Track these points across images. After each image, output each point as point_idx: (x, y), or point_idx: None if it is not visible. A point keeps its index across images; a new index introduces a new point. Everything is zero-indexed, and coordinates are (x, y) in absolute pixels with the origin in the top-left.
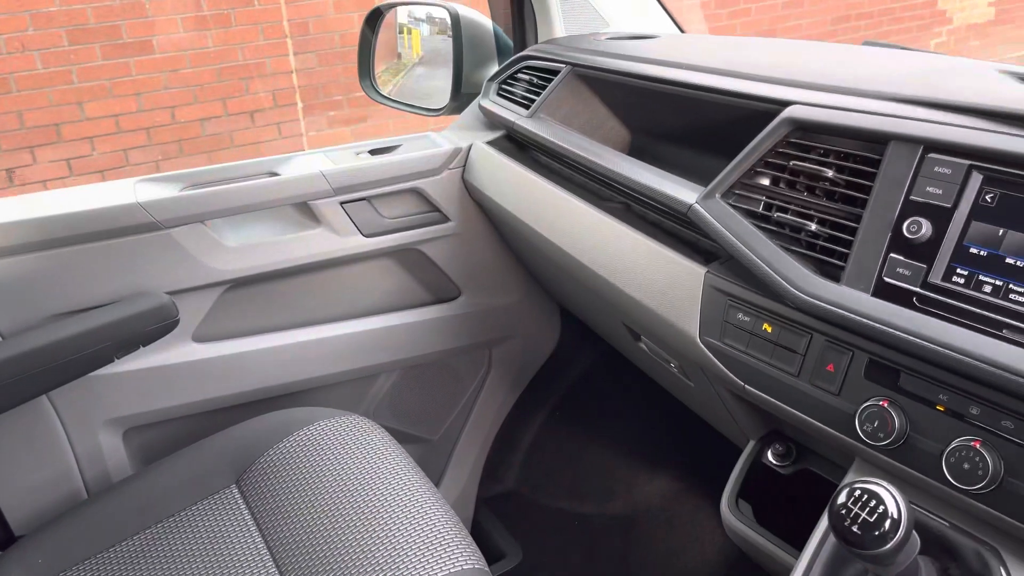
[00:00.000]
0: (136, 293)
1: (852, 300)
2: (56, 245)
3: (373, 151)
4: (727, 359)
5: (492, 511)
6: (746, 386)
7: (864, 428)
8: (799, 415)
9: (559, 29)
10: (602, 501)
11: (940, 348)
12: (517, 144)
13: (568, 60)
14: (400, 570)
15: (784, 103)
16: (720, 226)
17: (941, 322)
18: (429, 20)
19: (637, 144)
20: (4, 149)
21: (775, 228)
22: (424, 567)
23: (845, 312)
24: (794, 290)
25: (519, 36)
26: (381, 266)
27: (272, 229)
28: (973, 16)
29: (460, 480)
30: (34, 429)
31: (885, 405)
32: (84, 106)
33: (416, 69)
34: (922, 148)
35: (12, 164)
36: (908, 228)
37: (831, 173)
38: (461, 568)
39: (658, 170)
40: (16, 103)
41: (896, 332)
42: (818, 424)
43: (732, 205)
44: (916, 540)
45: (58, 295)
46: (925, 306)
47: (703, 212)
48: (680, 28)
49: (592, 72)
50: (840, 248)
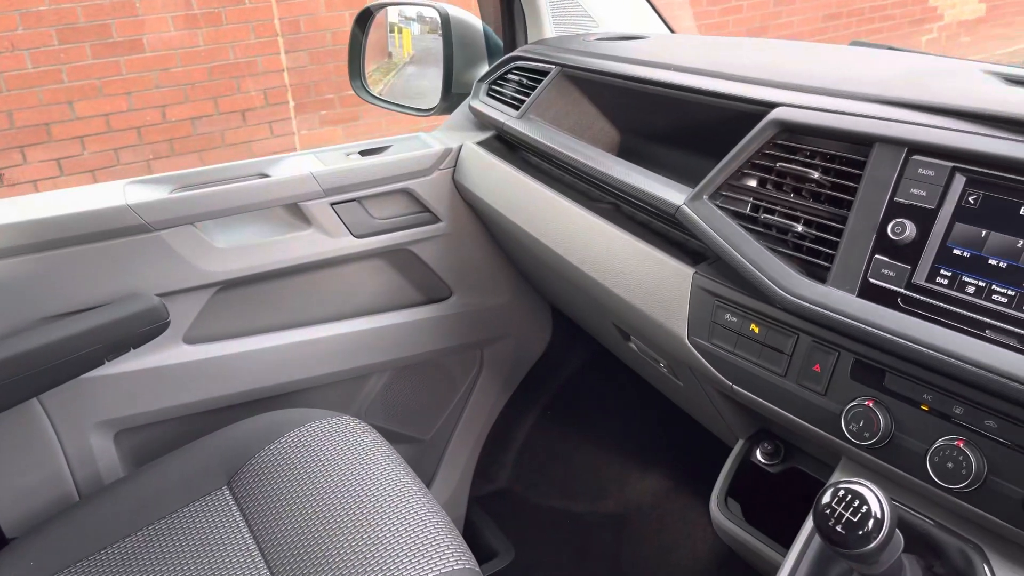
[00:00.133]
0: (126, 295)
1: (838, 301)
2: (46, 248)
3: (363, 152)
4: (715, 359)
5: (484, 510)
6: (734, 386)
7: (850, 428)
8: (786, 415)
9: (549, 29)
10: (594, 499)
11: (924, 348)
12: (507, 144)
13: (557, 61)
14: (391, 571)
15: (771, 105)
16: (707, 227)
17: (925, 323)
18: (420, 19)
19: (626, 145)
20: None
21: (762, 229)
22: (415, 568)
23: (831, 313)
24: (780, 291)
25: (509, 36)
26: (372, 267)
27: (263, 230)
28: (964, 13)
29: (452, 479)
30: (25, 432)
31: (870, 405)
32: (74, 105)
33: (407, 68)
34: (906, 150)
35: (2, 164)
36: (893, 229)
37: (817, 175)
38: (452, 568)
39: (646, 171)
40: (6, 103)
41: (881, 333)
42: (805, 424)
43: (719, 206)
44: (899, 539)
45: (48, 298)
46: (909, 307)
47: (691, 213)
48: (670, 28)
49: (581, 73)
50: (826, 249)
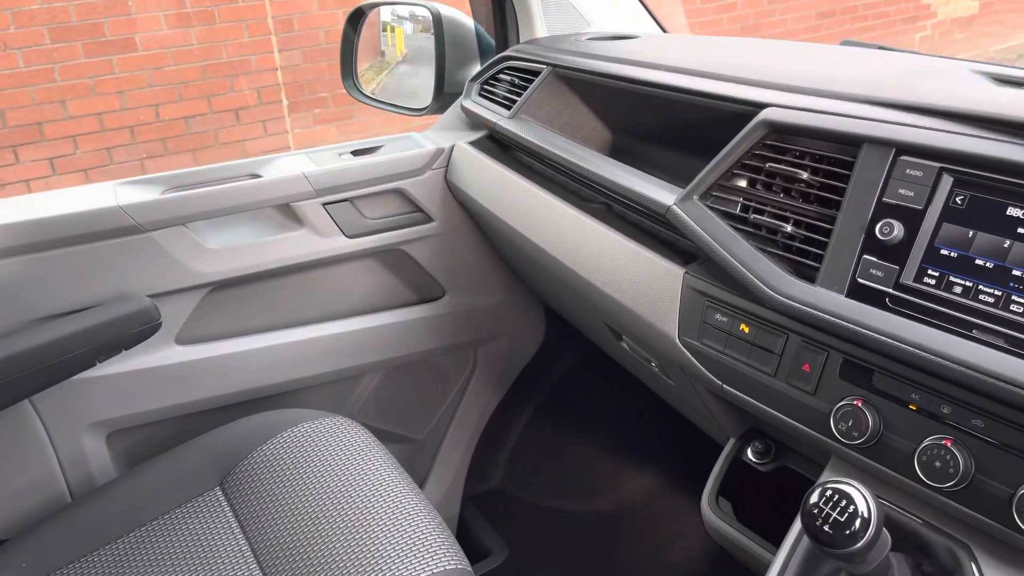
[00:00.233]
0: (118, 296)
1: (826, 301)
2: (37, 249)
3: (355, 152)
4: (705, 359)
5: (478, 509)
6: (724, 386)
7: (839, 427)
8: (776, 414)
9: (540, 29)
10: (587, 498)
11: (912, 348)
12: (499, 144)
13: (549, 61)
14: (383, 571)
15: (760, 105)
16: (697, 227)
17: (913, 323)
18: (412, 18)
19: (618, 144)
20: None
21: (752, 229)
22: (407, 568)
23: (819, 313)
24: (770, 291)
25: (501, 36)
26: (365, 267)
27: (254, 231)
28: (957, 10)
29: (446, 479)
30: (17, 433)
31: (859, 404)
32: (67, 104)
33: (400, 67)
34: (894, 151)
35: None
36: (881, 230)
37: (806, 175)
38: (444, 568)
39: (637, 171)
40: None
41: (869, 333)
42: (794, 423)
43: (710, 207)
44: (887, 538)
45: (39, 299)
46: (897, 307)
47: (681, 214)
48: (661, 27)
49: (572, 73)
50: (815, 249)
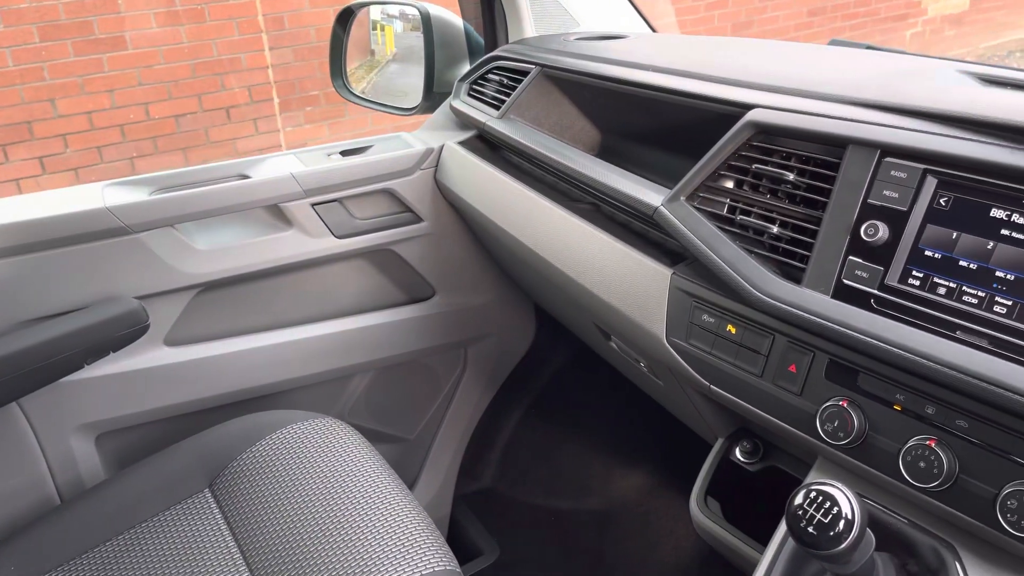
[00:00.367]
0: (106, 298)
1: (812, 302)
2: (24, 251)
3: (344, 152)
4: (693, 360)
5: (469, 508)
6: (712, 386)
7: (825, 428)
8: (763, 415)
9: (529, 29)
10: (578, 497)
11: (896, 349)
12: (489, 144)
13: (537, 61)
14: (372, 573)
15: (747, 106)
16: (684, 229)
17: (897, 323)
18: (402, 17)
19: (607, 144)
20: None
21: (738, 230)
22: (396, 569)
23: (805, 314)
24: (756, 292)
25: (490, 35)
26: (354, 267)
27: (243, 232)
28: (948, 7)
29: (437, 478)
30: (5, 436)
31: (845, 405)
32: (56, 103)
33: (390, 66)
34: (879, 152)
35: None
36: (866, 231)
37: (792, 176)
38: (433, 570)
39: (625, 172)
40: None
41: (854, 334)
42: (781, 424)
43: (697, 208)
44: (871, 539)
45: (26, 301)
46: (882, 308)
47: (668, 215)
48: (651, 26)
49: (561, 73)
50: (801, 250)
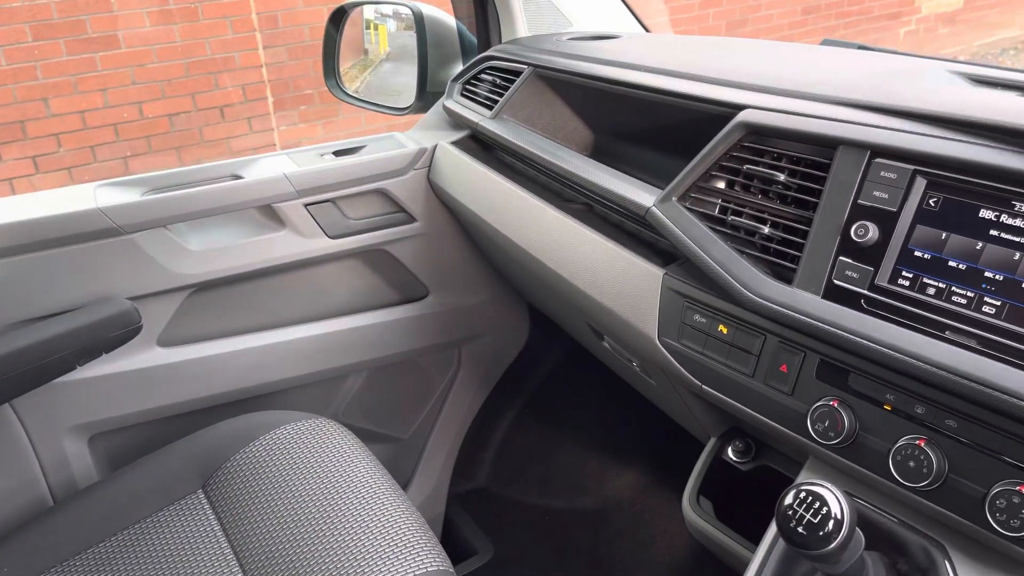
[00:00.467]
0: (98, 299)
1: (803, 302)
2: (15, 252)
3: (337, 152)
4: (685, 360)
5: (463, 508)
6: (703, 386)
7: (816, 427)
8: (754, 414)
9: (522, 29)
10: (572, 496)
11: (886, 349)
12: (482, 144)
13: (530, 61)
14: (364, 573)
15: (738, 107)
16: (676, 229)
17: (887, 324)
18: (396, 16)
19: (600, 145)
20: None
21: (730, 231)
22: (389, 570)
23: (796, 314)
24: (747, 292)
25: (483, 35)
26: (348, 267)
27: (236, 232)
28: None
29: (431, 478)
30: None
31: (835, 405)
32: (49, 102)
33: (383, 65)
34: (869, 153)
35: None
36: (856, 232)
37: (783, 177)
38: (425, 570)
39: (617, 172)
40: None
41: (844, 334)
42: (772, 423)
43: (688, 208)
44: (860, 539)
45: (18, 303)
46: (872, 308)
47: (660, 215)
48: (644, 26)
49: (553, 73)
50: (792, 251)
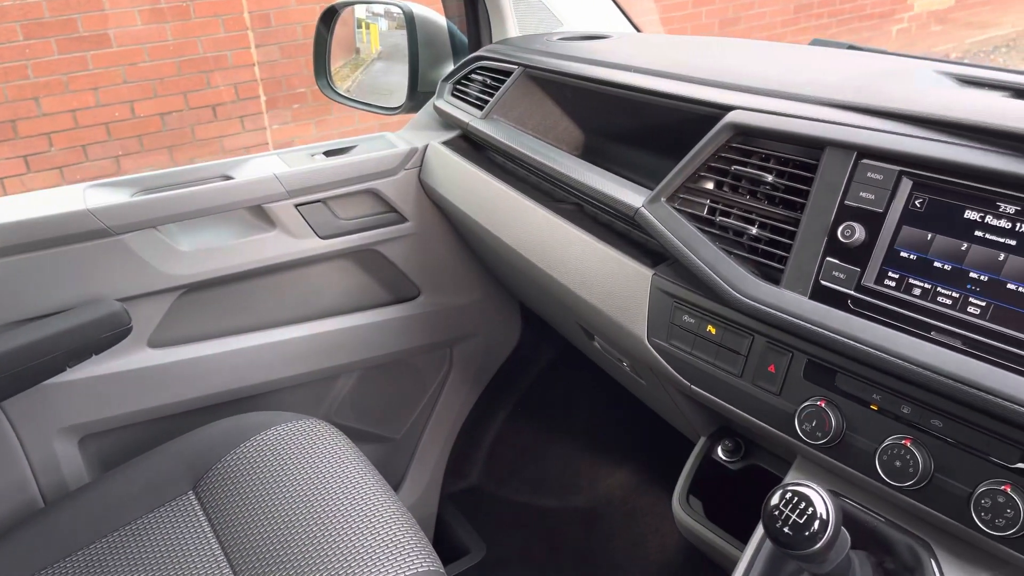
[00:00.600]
0: (88, 301)
1: (790, 303)
2: (4, 254)
3: (328, 152)
4: (674, 360)
5: (456, 507)
6: (692, 386)
7: (803, 427)
8: (743, 414)
9: (512, 28)
10: (564, 495)
11: (872, 350)
12: (473, 144)
13: (520, 61)
14: (355, 574)
15: (726, 108)
16: (665, 230)
17: (874, 324)
18: (387, 16)
19: (590, 145)
20: None
21: (718, 232)
22: (379, 570)
23: (783, 314)
24: (735, 292)
25: (473, 35)
26: (339, 267)
27: (227, 233)
28: (934, 3)
29: (423, 478)
30: None
31: (823, 405)
32: (40, 101)
33: (375, 64)
34: (856, 154)
35: None
36: (843, 232)
37: (771, 177)
38: (416, 571)
39: (607, 173)
40: None
41: (831, 334)
42: (761, 423)
43: (677, 209)
44: (846, 538)
45: (7, 304)
46: (859, 309)
47: (649, 216)
48: (635, 26)
49: (543, 74)
50: (780, 251)
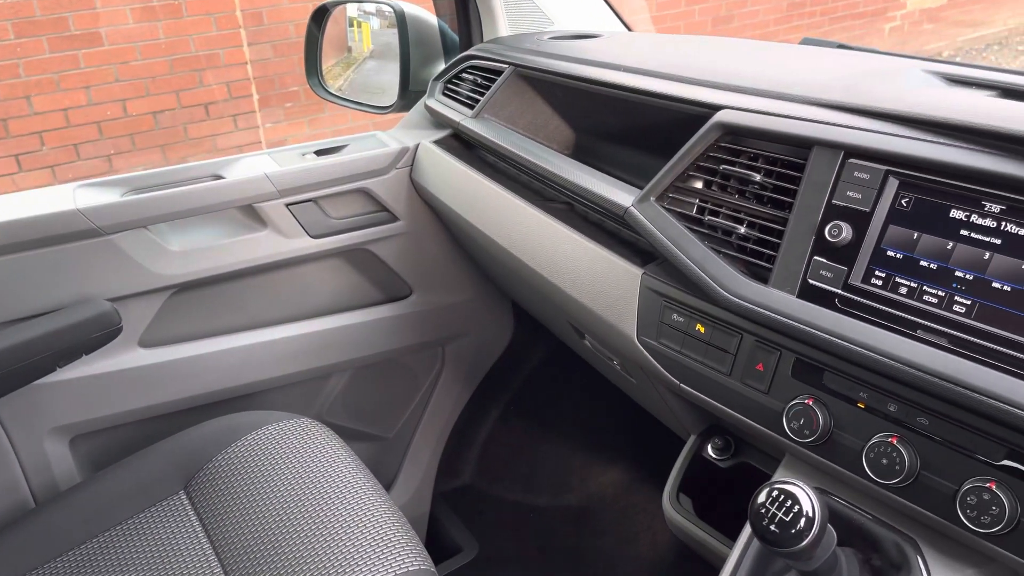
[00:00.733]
0: (78, 301)
1: (778, 301)
2: None
3: (319, 151)
4: (663, 358)
5: (448, 505)
6: (682, 384)
7: (791, 425)
8: (732, 413)
9: (503, 28)
10: (556, 493)
11: (859, 348)
12: (464, 143)
13: (510, 60)
14: (346, 573)
15: (715, 107)
16: (654, 229)
17: (860, 323)
18: (379, 14)
19: (581, 144)
20: None
21: (707, 231)
22: (370, 569)
23: (771, 313)
24: (723, 291)
25: (464, 34)
26: (330, 266)
27: (217, 232)
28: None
29: (416, 476)
30: None
31: (810, 403)
32: (32, 100)
33: (367, 63)
34: (843, 153)
35: None
36: (830, 232)
37: (759, 177)
38: (407, 569)
39: (597, 172)
40: None
41: (819, 333)
42: (749, 421)
43: (666, 208)
44: (832, 536)
45: None
46: (846, 307)
47: (638, 215)
48: (626, 25)
49: (534, 73)
50: (768, 251)
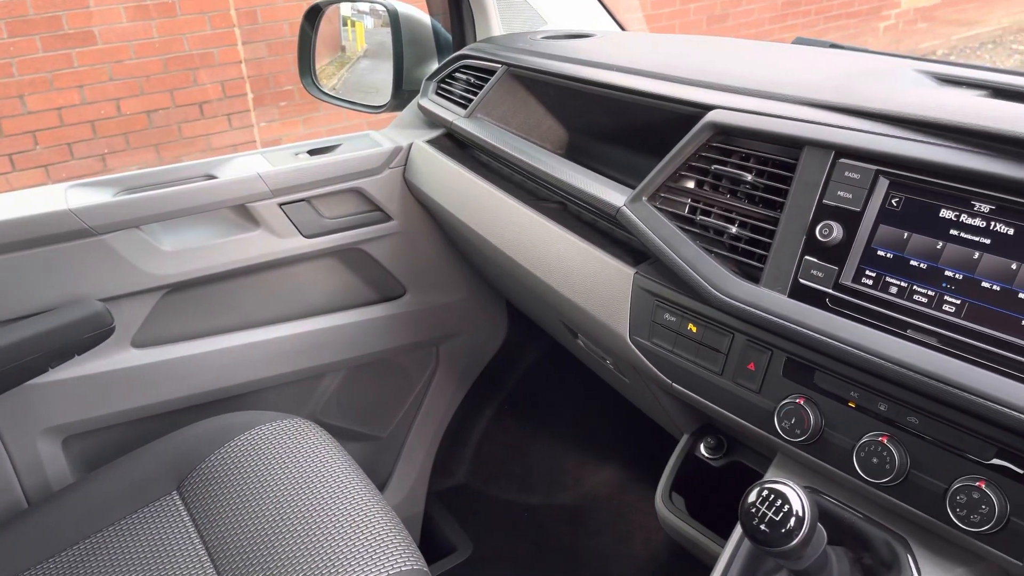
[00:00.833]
0: (70, 301)
1: (769, 301)
2: None
3: (312, 151)
4: (655, 358)
5: (443, 505)
6: (674, 384)
7: (783, 425)
8: (724, 412)
9: (496, 27)
10: (550, 492)
11: (850, 348)
12: (457, 143)
13: (503, 60)
14: (340, 573)
15: (707, 107)
16: (646, 229)
17: (851, 322)
18: (373, 13)
19: (574, 143)
20: None
21: (699, 230)
22: (364, 569)
23: (763, 313)
24: (715, 291)
25: (458, 33)
26: (324, 266)
27: (210, 232)
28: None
29: (410, 476)
30: None
31: (802, 402)
32: (25, 99)
33: (361, 63)
34: (834, 153)
35: None
36: (821, 231)
37: (751, 177)
38: (400, 569)
39: (589, 172)
40: None
41: (810, 332)
42: (741, 421)
43: (658, 208)
44: (822, 535)
45: None
46: (837, 307)
47: (630, 215)
48: (619, 24)
49: (527, 72)
50: (759, 250)
